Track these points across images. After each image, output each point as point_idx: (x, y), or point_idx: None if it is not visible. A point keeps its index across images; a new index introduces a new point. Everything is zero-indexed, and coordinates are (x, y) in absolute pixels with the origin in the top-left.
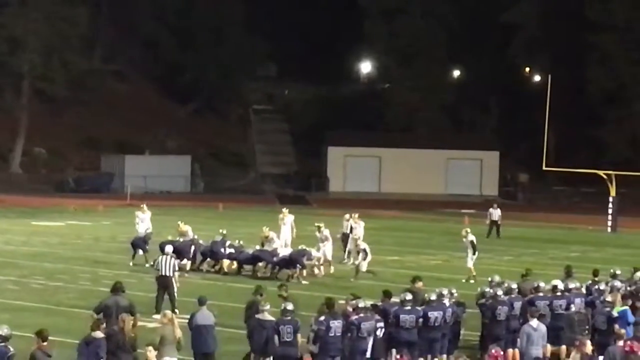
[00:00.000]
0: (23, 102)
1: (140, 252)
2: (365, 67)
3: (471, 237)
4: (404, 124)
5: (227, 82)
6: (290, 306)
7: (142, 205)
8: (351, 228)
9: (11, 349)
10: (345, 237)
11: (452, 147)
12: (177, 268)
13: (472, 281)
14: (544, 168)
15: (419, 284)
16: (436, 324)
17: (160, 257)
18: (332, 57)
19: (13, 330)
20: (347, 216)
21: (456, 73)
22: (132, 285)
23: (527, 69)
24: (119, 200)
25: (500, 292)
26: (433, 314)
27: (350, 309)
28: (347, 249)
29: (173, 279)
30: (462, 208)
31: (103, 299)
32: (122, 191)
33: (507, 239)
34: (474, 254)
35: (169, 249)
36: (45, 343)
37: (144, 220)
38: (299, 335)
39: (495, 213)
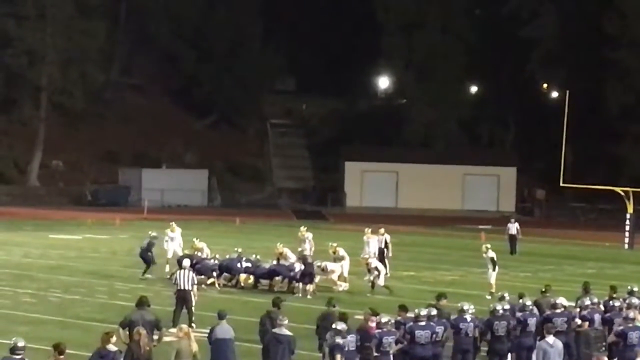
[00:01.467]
0: (41, 115)
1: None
2: (383, 82)
3: (491, 254)
4: (422, 139)
5: (244, 96)
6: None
7: (171, 224)
8: (386, 243)
9: None
10: (381, 252)
11: (470, 162)
12: (195, 282)
13: (488, 297)
14: (561, 184)
15: (444, 302)
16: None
17: (179, 271)
18: (350, 72)
19: (30, 343)
20: (381, 230)
21: (474, 89)
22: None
23: (545, 85)
24: (136, 213)
25: (499, 307)
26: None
27: (373, 324)
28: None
29: (192, 293)
30: (479, 224)
31: (128, 313)
32: (139, 205)
33: (524, 254)
34: (494, 269)
35: (186, 262)
36: (62, 357)
37: (174, 240)
38: None
39: (513, 227)
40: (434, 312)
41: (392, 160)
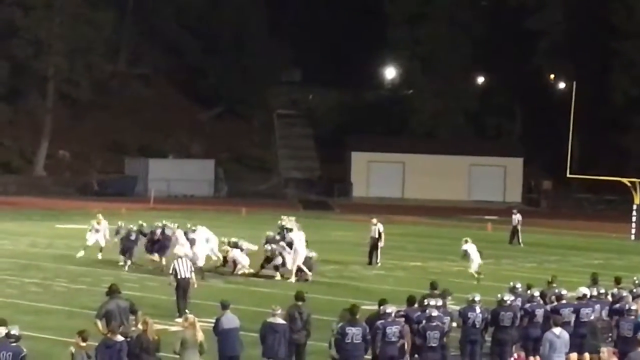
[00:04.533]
0: (48, 105)
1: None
2: (389, 72)
3: (466, 247)
4: (428, 130)
5: (250, 86)
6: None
7: (98, 215)
8: (379, 232)
9: (24, 349)
10: (374, 242)
11: (476, 153)
12: (192, 269)
13: (475, 282)
14: (567, 175)
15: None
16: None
17: (176, 260)
18: (356, 62)
19: (35, 332)
20: (374, 220)
21: (480, 79)
22: (154, 289)
23: (552, 76)
24: (142, 203)
25: (507, 297)
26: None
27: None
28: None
29: (191, 280)
30: (485, 214)
31: (102, 303)
32: (145, 195)
33: (530, 245)
34: (470, 260)
35: (180, 252)
36: (84, 344)
37: (98, 231)
38: None
39: (515, 218)
40: (440, 302)
41: (399, 151)
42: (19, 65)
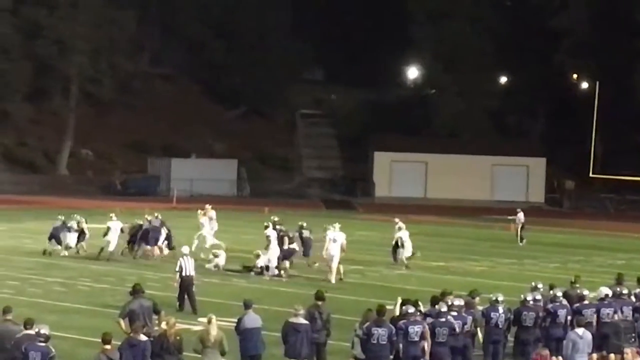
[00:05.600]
0: (71, 104)
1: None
2: (412, 72)
3: (399, 234)
4: (450, 129)
5: (273, 85)
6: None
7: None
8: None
9: (52, 350)
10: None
11: (499, 153)
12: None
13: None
14: (590, 175)
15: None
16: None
17: (181, 257)
18: (378, 62)
19: (59, 331)
20: (396, 219)
21: (503, 79)
22: (176, 289)
23: (575, 75)
24: (165, 203)
25: (530, 297)
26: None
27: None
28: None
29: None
30: (508, 214)
31: (126, 303)
32: (168, 194)
33: (553, 245)
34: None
35: (185, 249)
36: (108, 347)
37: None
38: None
39: (518, 217)
40: (463, 302)
41: (421, 151)
42: (42, 65)
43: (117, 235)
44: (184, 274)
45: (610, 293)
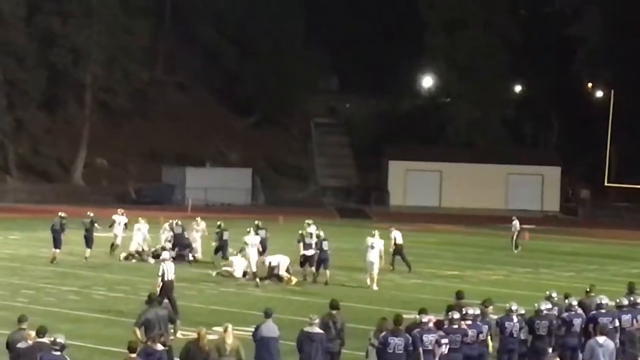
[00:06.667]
0: (85, 113)
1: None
2: (427, 81)
3: (310, 230)
4: (465, 138)
5: (288, 94)
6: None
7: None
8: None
9: (68, 359)
10: (396, 248)
11: (513, 162)
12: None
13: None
14: (605, 184)
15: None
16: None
17: (162, 263)
18: (393, 70)
19: (74, 340)
20: (391, 228)
21: (518, 88)
22: (191, 297)
23: (590, 84)
24: (180, 212)
25: (543, 307)
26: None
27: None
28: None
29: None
30: (523, 223)
31: (142, 312)
32: (183, 203)
33: (568, 254)
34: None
35: (166, 254)
36: (133, 355)
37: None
38: None
39: (514, 225)
40: (478, 311)
41: (436, 159)
42: (57, 74)
43: (122, 229)
44: (165, 278)
45: (625, 302)
